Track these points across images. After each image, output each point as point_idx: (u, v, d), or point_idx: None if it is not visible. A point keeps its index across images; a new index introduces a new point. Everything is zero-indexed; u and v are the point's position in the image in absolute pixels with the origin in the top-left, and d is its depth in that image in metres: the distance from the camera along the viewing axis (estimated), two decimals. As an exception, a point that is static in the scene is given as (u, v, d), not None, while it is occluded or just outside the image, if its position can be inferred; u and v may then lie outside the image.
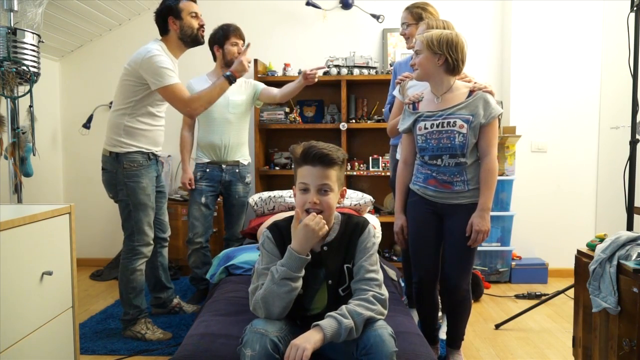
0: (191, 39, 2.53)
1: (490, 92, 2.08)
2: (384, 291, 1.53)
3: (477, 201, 2.05)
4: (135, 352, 2.42)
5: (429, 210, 2.13)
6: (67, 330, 1.84)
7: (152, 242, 2.59)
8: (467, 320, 2.25)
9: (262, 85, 3.21)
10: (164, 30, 2.53)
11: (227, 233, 3.24)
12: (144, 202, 2.50)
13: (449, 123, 2.04)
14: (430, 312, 2.26)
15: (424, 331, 2.28)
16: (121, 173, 2.46)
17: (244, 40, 3.01)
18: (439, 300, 2.33)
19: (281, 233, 1.60)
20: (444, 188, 2.08)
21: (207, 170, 3.06)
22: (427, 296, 2.22)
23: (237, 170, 3.12)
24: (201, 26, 2.57)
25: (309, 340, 1.37)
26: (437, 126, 2.06)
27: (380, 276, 1.55)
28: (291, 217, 1.64)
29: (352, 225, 1.61)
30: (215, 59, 3.07)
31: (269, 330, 1.44)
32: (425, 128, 2.08)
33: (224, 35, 2.97)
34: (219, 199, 3.24)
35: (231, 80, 2.47)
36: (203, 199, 3.06)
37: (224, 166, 3.07)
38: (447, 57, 2.02)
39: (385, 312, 1.51)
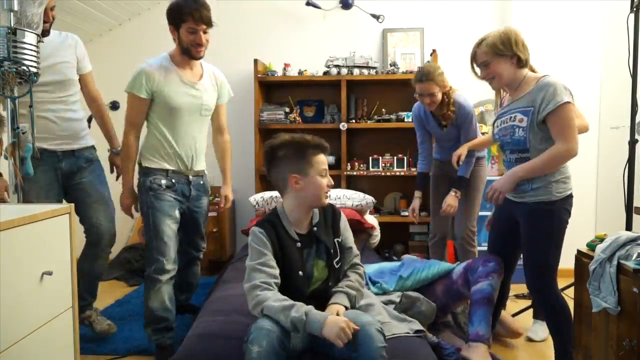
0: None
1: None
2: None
3: (544, 200, 1.97)
4: (135, 352, 2.42)
5: (506, 208, 2.15)
6: (67, 330, 1.83)
7: None
8: (561, 332, 2.08)
9: (226, 97, 2.56)
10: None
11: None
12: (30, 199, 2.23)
13: (510, 118, 2.02)
14: None
15: None
16: None
17: (207, 25, 2.25)
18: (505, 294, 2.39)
19: (272, 225, 1.70)
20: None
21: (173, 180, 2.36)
22: None
23: (201, 182, 2.50)
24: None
25: (340, 318, 1.50)
26: (504, 122, 2.06)
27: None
28: (276, 209, 1.76)
29: (328, 209, 1.83)
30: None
31: (275, 326, 1.47)
32: (497, 126, 2.12)
33: (179, 16, 2.23)
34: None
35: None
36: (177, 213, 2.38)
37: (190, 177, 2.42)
38: (517, 55, 1.99)
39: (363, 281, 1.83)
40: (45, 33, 2.32)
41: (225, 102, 2.57)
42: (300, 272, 1.68)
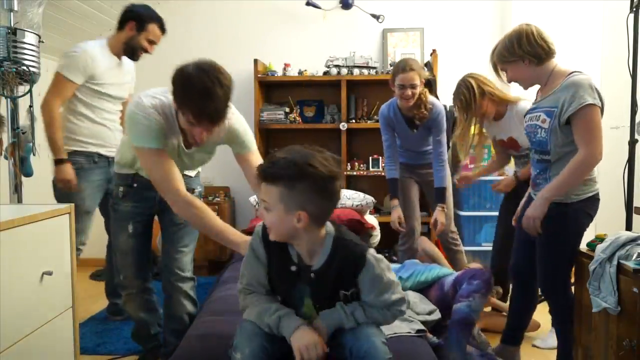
0: (131, 50, 2.58)
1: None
2: (404, 306, 1.48)
3: (558, 201, 1.91)
4: (135, 352, 2.42)
5: (530, 204, 2.04)
6: (67, 330, 1.84)
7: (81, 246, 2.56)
8: (566, 333, 2.04)
9: (249, 146, 2.04)
10: (120, 26, 2.58)
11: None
12: (78, 205, 2.25)
13: (536, 117, 1.95)
14: (515, 304, 2.18)
15: (507, 325, 2.30)
16: None
17: (217, 124, 1.72)
18: (534, 301, 2.30)
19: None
20: (533, 189, 2.03)
21: (135, 185, 2.07)
22: (518, 287, 2.18)
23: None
24: (146, 51, 2.60)
25: (314, 334, 1.38)
26: (532, 119, 1.99)
27: (398, 286, 1.47)
28: None
29: (344, 251, 1.42)
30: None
31: (259, 331, 1.43)
32: (526, 121, 2.05)
33: (180, 100, 1.67)
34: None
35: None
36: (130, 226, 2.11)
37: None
38: (528, 55, 1.92)
39: (393, 322, 1.52)
40: (135, 58, 2.65)
41: (251, 150, 2.03)
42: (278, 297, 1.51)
